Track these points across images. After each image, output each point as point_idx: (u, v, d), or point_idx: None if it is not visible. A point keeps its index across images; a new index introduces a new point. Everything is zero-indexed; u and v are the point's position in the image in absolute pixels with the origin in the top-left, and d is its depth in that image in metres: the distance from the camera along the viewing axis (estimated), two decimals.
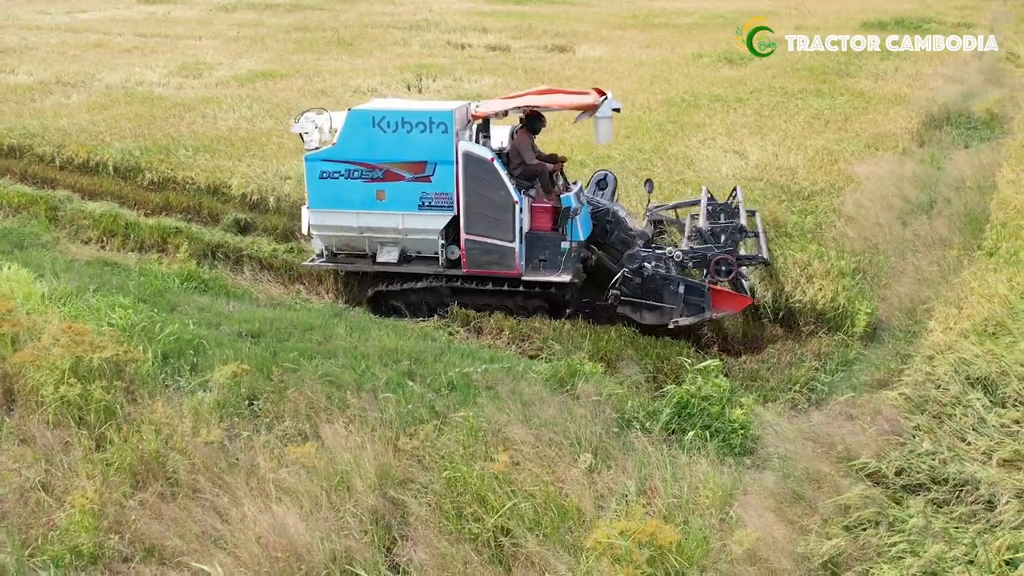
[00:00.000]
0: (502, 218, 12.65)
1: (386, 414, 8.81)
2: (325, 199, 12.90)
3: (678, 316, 12.08)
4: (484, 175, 12.50)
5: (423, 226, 12.94)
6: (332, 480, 7.53)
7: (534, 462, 7.84)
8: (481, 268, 12.97)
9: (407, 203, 12.80)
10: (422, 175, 12.66)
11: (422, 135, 12.43)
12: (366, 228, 13.03)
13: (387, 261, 13.19)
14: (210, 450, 8.16)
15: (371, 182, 12.73)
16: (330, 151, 12.76)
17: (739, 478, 7.96)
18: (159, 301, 12.52)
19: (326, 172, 12.77)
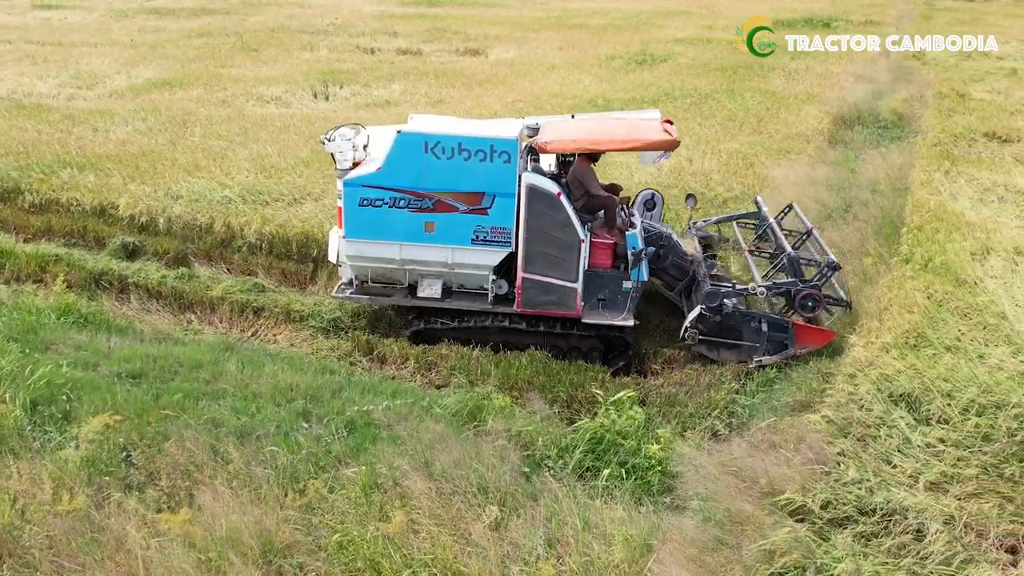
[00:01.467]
0: (565, 257, 11.54)
1: (273, 468, 8.02)
2: (364, 228, 11.58)
3: (761, 355, 11.45)
4: (549, 210, 11.34)
5: (475, 261, 11.78)
6: (210, 553, 6.73)
7: (434, 520, 7.16)
8: (536, 308, 11.86)
9: (459, 236, 11.58)
10: (478, 207, 11.42)
11: (481, 164, 11.17)
12: (409, 261, 11.83)
13: (430, 296, 12.00)
14: (72, 521, 7.27)
15: (419, 212, 11.45)
16: (373, 176, 11.35)
17: (657, 524, 7.41)
18: (31, 339, 11.45)
19: (367, 199, 11.41)
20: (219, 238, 14.90)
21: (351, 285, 12.21)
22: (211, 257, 14.86)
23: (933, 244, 13.93)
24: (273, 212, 15.37)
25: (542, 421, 9.55)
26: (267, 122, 22.27)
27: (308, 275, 14.14)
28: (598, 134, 12.04)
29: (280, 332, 12.74)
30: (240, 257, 14.58)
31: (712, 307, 11.31)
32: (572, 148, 11.84)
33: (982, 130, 22.29)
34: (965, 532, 7.78)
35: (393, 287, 12.24)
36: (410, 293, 12.15)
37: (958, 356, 10.48)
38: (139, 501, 7.61)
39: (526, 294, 11.76)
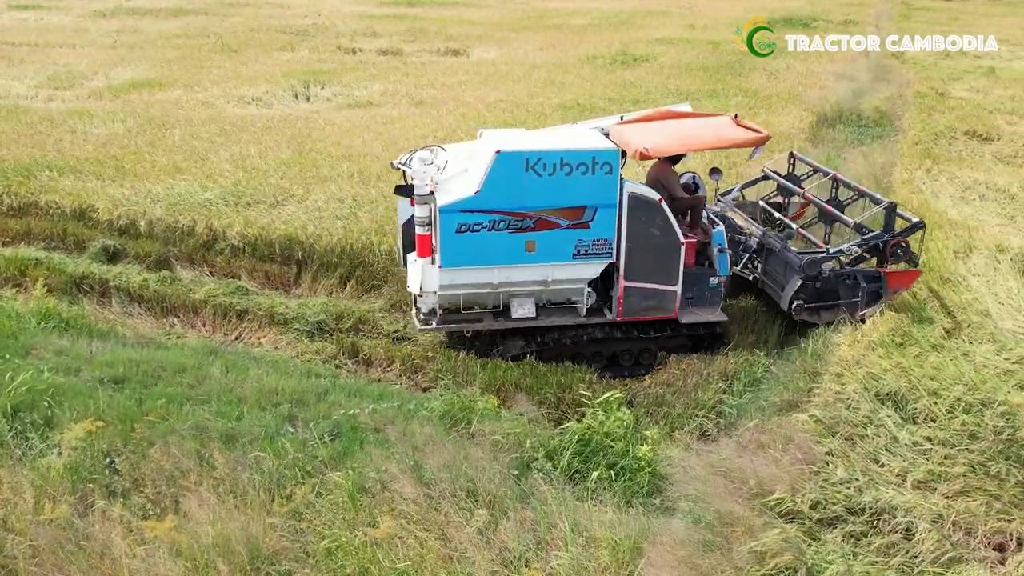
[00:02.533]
0: (666, 261, 11.43)
1: (259, 473, 7.93)
2: (463, 255, 10.86)
3: (863, 309, 11.91)
4: (650, 218, 11.15)
5: (574, 276, 11.40)
6: (196, 561, 6.63)
7: (422, 524, 7.09)
8: (637, 315, 11.67)
9: (560, 253, 11.14)
10: (579, 221, 11.01)
11: (583, 177, 10.79)
12: (506, 283, 11.30)
13: (525, 316, 11.52)
14: (55, 529, 7.16)
15: (519, 232, 10.89)
16: (471, 200, 10.61)
17: (647, 526, 7.36)
18: (11, 345, 11.27)
19: (465, 225, 10.69)
20: (201, 240, 14.74)
21: (433, 315, 11.44)
22: (193, 260, 14.69)
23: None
24: (256, 214, 15.24)
25: (529, 423, 9.49)
26: (248, 123, 22.11)
27: (292, 277, 14.00)
28: (690, 136, 11.91)
29: (264, 335, 12.61)
30: (223, 259, 14.42)
31: (812, 275, 11.72)
32: (675, 150, 11.66)
33: (962, 128, 22.47)
34: (953, 530, 7.81)
35: (480, 311, 11.60)
36: (499, 315, 11.61)
37: (943, 354, 10.52)
38: (124, 508, 7.51)
39: (627, 302, 11.57)
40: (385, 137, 20.40)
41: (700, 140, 11.92)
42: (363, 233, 14.19)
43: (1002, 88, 28.45)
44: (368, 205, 15.47)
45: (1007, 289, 12.56)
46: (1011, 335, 11.15)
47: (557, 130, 12.40)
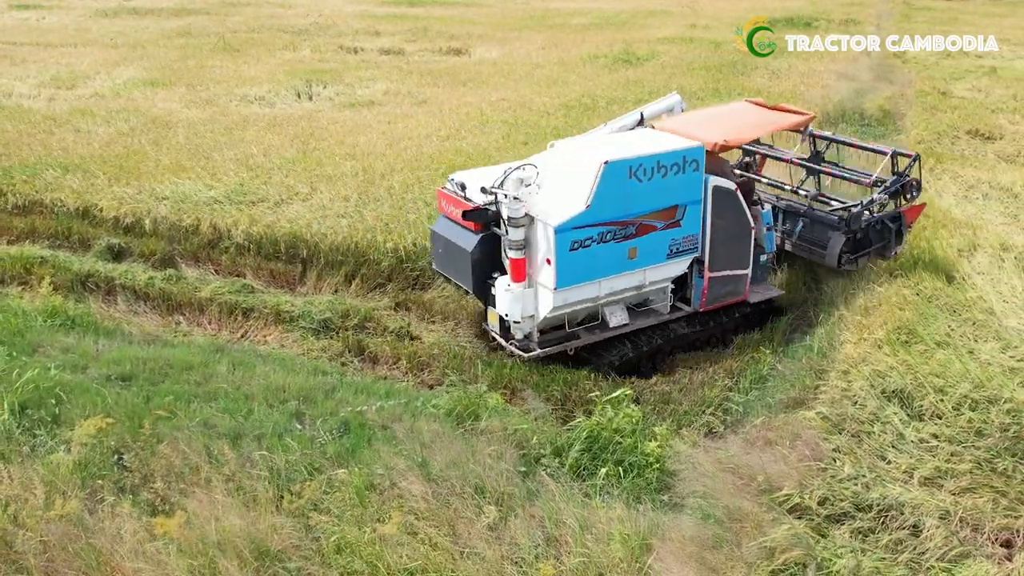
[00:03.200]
0: (742, 247, 11.85)
1: (268, 470, 7.94)
2: (576, 273, 10.69)
3: (894, 248, 13.00)
4: (729, 207, 11.53)
5: (666, 275, 11.60)
6: (205, 558, 6.64)
7: (432, 521, 7.11)
8: (716, 303, 11.99)
9: (656, 255, 11.26)
10: (672, 221, 11.16)
11: (676, 177, 10.97)
12: (608, 294, 11.23)
13: (620, 324, 11.53)
14: (65, 525, 7.17)
15: (624, 241, 10.86)
16: (582, 216, 10.44)
17: (656, 523, 7.37)
18: (18, 342, 11.31)
19: (578, 242, 10.49)
20: (206, 239, 14.79)
21: (528, 339, 11.23)
22: (198, 258, 14.74)
23: (920, 241, 14.02)
24: (260, 212, 15.25)
25: (536, 420, 9.51)
26: (251, 122, 22.12)
27: (297, 275, 14.03)
28: (749, 125, 12.61)
29: (270, 333, 12.64)
30: (228, 258, 14.47)
31: (856, 228, 12.49)
32: (750, 137, 12.64)
33: (965, 128, 22.48)
34: (961, 527, 7.82)
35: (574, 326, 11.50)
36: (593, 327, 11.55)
37: (949, 352, 10.54)
38: (133, 505, 7.51)
39: (711, 292, 11.84)
40: (388, 136, 20.42)
41: (759, 126, 12.67)
42: (368, 231, 14.21)
43: (1004, 88, 28.45)
44: (373, 203, 15.50)
45: (1011, 287, 12.58)
46: (1016, 333, 11.16)
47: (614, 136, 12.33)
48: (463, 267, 11.31)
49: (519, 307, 10.84)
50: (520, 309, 10.84)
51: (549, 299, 10.71)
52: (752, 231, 11.85)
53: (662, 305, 11.88)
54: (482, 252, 11.11)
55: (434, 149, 19.21)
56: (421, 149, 19.15)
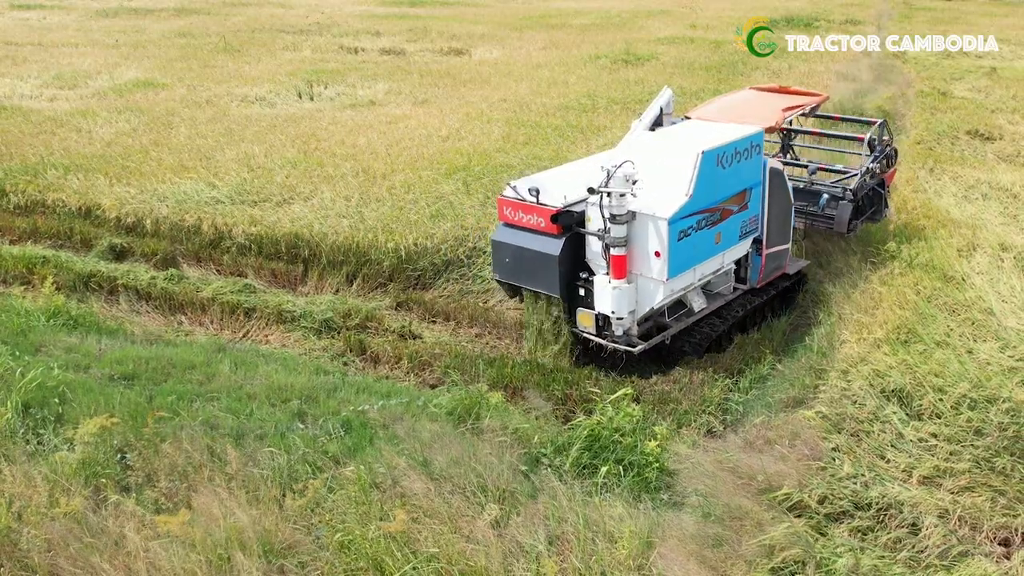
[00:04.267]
0: (787, 222, 12.61)
1: (271, 469, 7.99)
2: (682, 262, 10.90)
3: (884, 210, 14.28)
4: (780, 186, 12.18)
5: (735, 256, 12.04)
6: (210, 555, 6.69)
7: (435, 518, 7.15)
8: (769, 278, 12.59)
9: (733, 237, 11.66)
10: (743, 203, 11.60)
11: (746, 162, 11.46)
12: (700, 279, 11.53)
13: (702, 307, 11.82)
14: (70, 523, 7.21)
15: (713, 226, 11.18)
16: (687, 205, 10.65)
17: (657, 521, 7.42)
18: (21, 342, 11.35)
19: (683, 231, 10.70)
20: (208, 239, 14.83)
21: (628, 334, 11.19)
22: (200, 258, 14.79)
23: (920, 241, 14.07)
24: (262, 213, 15.30)
25: (537, 419, 9.56)
26: (252, 122, 22.18)
27: (299, 275, 14.08)
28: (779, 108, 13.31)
29: (272, 333, 12.68)
30: (229, 258, 14.51)
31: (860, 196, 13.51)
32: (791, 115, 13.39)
33: (964, 128, 22.52)
34: (959, 525, 7.88)
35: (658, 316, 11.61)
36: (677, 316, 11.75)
37: (948, 352, 10.58)
38: (137, 503, 7.56)
39: (767, 268, 12.37)
40: (389, 136, 20.48)
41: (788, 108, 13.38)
42: (369, 231, 14.25)
43: (1003, 88, 28.48)
44: (374, 203, 15.55)
45: (1010, 287, 12.61)
46: (1015, 333, 11.20)
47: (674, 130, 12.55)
48: (548, 273, 11.24)
49: (625, 303, 10.89)
50: (625, 305, 10.90)
51: (660, 291, 10.89)
52: (793, 207, 12.59)
53: (726, 287, 12.27)
54: (567, 255, 11.16)
55: (434, 149, 19.26)
56: (421, 149, 19.20)
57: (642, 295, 11.03)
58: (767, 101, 14.01)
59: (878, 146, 14.19)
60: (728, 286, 12.31)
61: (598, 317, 11.23)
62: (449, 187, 16.20)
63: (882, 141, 14.32)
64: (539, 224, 11.17)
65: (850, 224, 13.49)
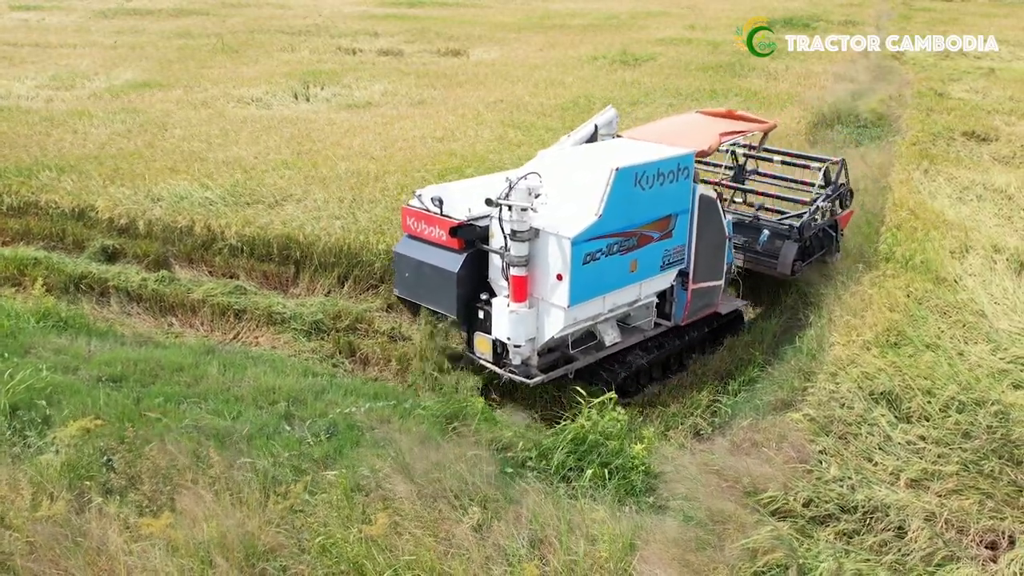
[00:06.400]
0: (719, 256, 11.59)
1: (255, 471, 7.97)
2: (587, 288, 9.92)
3: (834, 253, 13.78)
4: (712, 216, 11.21)
5: (656, 288, 11.00)
6: (192, 558, 6.68)
7: (416, 522, 7.14)
8: (696, 315, 11.60)
9: (652, 267, 10.67)
10: (666, 231, 10.63)
11: (672, 185, 10.46)
12: (609, 309, 10.49)
13: (614, 342, 10.92)
14: (52, 526, 7.19)
15: (627, 252, 10.19)
16: (595, 226, 9.72)
17: (640, 525, 7.40)
18: (10, 344, 11.33)
19: (589, 254, 9.74)
20: (200, 240, 14.80)
21: (527, 364, 10.36)
22: (192, 260, 14.77)
23: (912, 243, 14.05)
24: (255, 214, 15.27)
25: (526, 427, 9.55)
26: (247, 124, 22.17)
27: (290, 277, 14.06)
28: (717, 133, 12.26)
29: (262, 335, 12.67)
30: (221, 259, 14.49)
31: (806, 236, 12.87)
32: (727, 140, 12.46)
33: (960, 129, 22.51)
34: (946, 529, 7.85)
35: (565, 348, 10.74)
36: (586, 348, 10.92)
37: (938, 354, 10.56)
38: (121, 506, 7.54)
39: (693, 305, 11.38)
40: (384, 137, 20.47)
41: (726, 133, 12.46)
42: (361, 233, 14.23)
43: (1001, 89, 28.47)
44: (367, 205, 15.53)
45: (1003, 289, 12.60)
46: (1006, 335, 11.18)
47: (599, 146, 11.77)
48: (445, 291, 10.38)
49: (522, 330, 9.96)
50: (524, 332, 9.98)
51: (560, 318, 9.88)
52: (728, 241, 11.64)
53: (646, 321, 11.33)
54: (468, 273, 10.28)
55: (429, 150, 19.26)
56: (415, 151, 19.20)
57: (543, 322, 10.04)
58: (709, 125, 12.98)
59: (833, 185, 13.51)
60: (648, 320, 11.33)
61: (495, 343, 10.32)
62: None
63: (838, 181, 13.71)
64: (440, 237, 10.33)
65: (794, 265, 12.73)
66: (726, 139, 12.47)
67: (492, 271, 10.35)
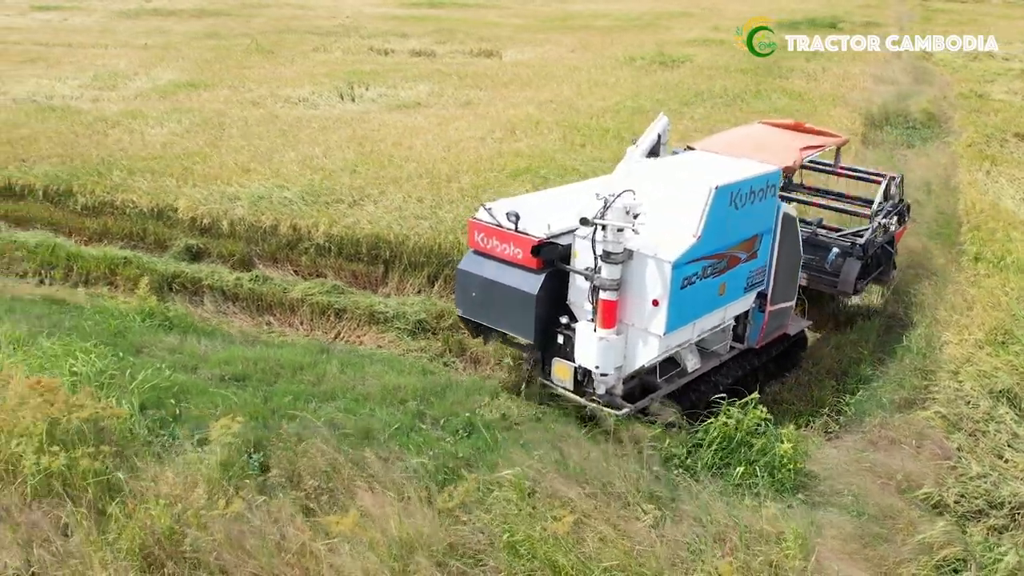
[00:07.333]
0: (794, 276, 11.08)
1: (415, 470, 8.05)
2: (683, 314, 9.31)
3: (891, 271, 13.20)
4: (792, 236, 10.67)
5: (735, 312, 10.39)
6: (387, 556, 6.72)
7: (597, 520, 7.21)
8: (770, 338, 11.00)
9: (737, 289, 10.05)
10: (752, 252, 10.03)
11: (759, 204, 9.90)
12: (697, 334, 9.89)
13: (696, 367, 10.27)
14: (228, 522, 7.23)
15: (718, 275, 9.57)
16: (694, 248, 9.11)
17: (812, 520, 7.48)
18: (121, 343, 11.40)
19: (687, 278, 9.13)
20: (285, 240, 14.84)
21: (611, 393, 9.68)
22: (276, 259, 14.82)
23: (993, 243, 14.14)
24: (337, 213, 15.30)
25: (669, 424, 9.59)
26: (303, 124, 22.20)
27: (379, 276, 14.11)
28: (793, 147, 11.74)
29: (364, 334, 12.73)
30: (308, 259, 14.54)
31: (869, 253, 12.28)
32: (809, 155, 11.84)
33: (1011, 130, 22.62)
34: None
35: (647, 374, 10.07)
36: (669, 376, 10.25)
37: None
38: (291, 503, 7.58)
39: (769, 327, 10.83)
40: (443, 138, 20.51)
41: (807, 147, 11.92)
42: (449, 232, 14.27)
43: None
44: (447, 205, 15.56)
45: None
46: None
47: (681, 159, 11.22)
48: (522, 313, 9.66)
49: (612, 357, 9.32)
50: (613, 360, 9.34)
51: (655, 346, 9.25)
52: (801, 261, 11.15)
53: (722, 345, 10.65)
54: (546, 295, 9.56)
55: (491, 151, 19.29)
56: (479, 151, 19.24)
57: (632, 349, 9.43)
58: (781, 138, 12.46)
59: (892, 201, 12.89)
60: (724, 344, 10.66)
61: (577, 371, 9.69)
62: (518, 189, 16.23)
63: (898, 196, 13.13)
64: (516, 255, 9.58)
65: (856, 284, 12.21)
66: (806, 154, 11.86)
67: (573, 293, 9.68)
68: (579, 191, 10.63)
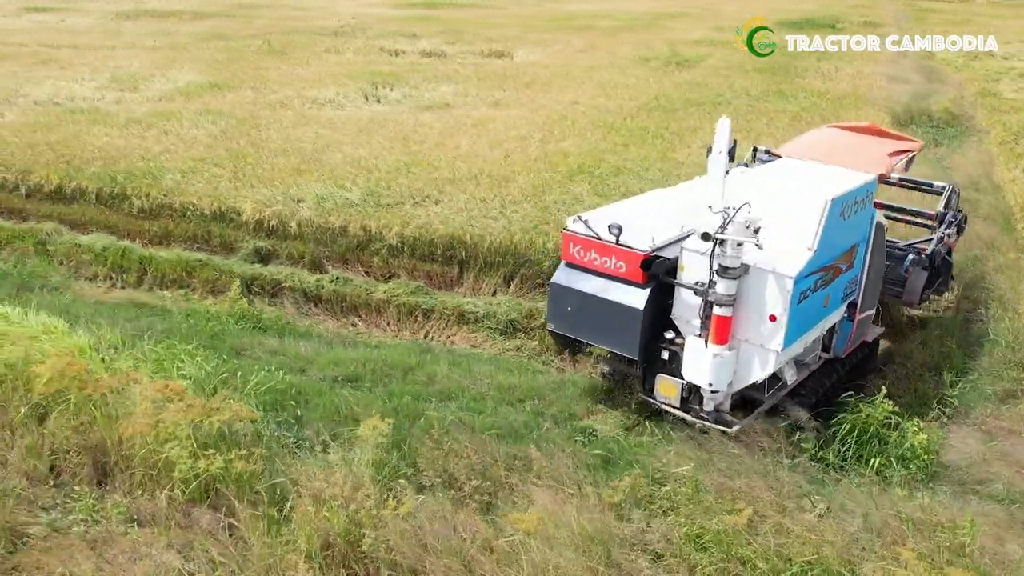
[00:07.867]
0: (879, 284, 10.94)
1: (574, 466, 8.17)
2: (798, 328, 9.13)
3: (951, 282, 12.90)
4: (881, 244, 10.57)
5: (833, 322, 10.18)
6: (586, 551, 6.82)
7: (769, 511, 7.37)
8: (854, 346, 10.87)
9: (836, 301, 9.85)
10: (850, 262, 9.85)
11: (860, 214, 9.80)
12: (802, 348, 9.68)
13: (794, 379, 10.08)
14: (400, 522, 7.29)
15: (824, 287, 9.35)
16: (811, 262, 8.95)
17: (964, 509, 7.67)
18: (220, 345, 11.43)
19: (803, 292, 8.93)
20: (354, 241, 14.87)
21: (718, 410, 9.44)
22: (346, 260, 14.86)
23: None
24: (404, 214, 15.34)
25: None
26: (336, 124, 22.19)
27: (454, 276, 14.19)
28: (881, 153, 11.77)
29: (454, 334, 12.80)
30: (380, 260, 14.58)
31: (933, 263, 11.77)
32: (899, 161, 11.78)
33: None
34: None
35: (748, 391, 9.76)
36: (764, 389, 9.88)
37: None
38: (453, 503, 7.66)
39: (856, 335, 10.70)
40: (486, 139, 20.58)
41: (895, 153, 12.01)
42: (524, 232, 14.36)
43: None
44: (512, 205, 15.65)
45: None
46: None
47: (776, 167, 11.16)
48: (626, 329, 9.43)
49: (725, 374, 9.11)
50: (726, 377, 9.13)
51: (770, 362, 9.03)
52: (884, 270, 11.07)
53: (813, 356, 10.37)
54: (651, 310, 9.40)
55: (537, 151, 19.40)
56: (526, 151, 19.34)
57: (744, 365, 9.19)
58: (865, 143, 12.34)
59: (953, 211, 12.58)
60: (815, 355, 10.42)
61: (684, 387, 9.52)
62: (579, 188, 16.39)
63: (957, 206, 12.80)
64: (618, 269, 9.39)
65: (922, 294, 12.01)
66: (896, 159, 11.87)
67: (678, 308, 9.48)
68: (663, 198, 10.64)
